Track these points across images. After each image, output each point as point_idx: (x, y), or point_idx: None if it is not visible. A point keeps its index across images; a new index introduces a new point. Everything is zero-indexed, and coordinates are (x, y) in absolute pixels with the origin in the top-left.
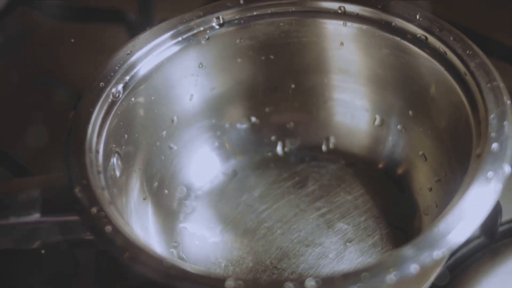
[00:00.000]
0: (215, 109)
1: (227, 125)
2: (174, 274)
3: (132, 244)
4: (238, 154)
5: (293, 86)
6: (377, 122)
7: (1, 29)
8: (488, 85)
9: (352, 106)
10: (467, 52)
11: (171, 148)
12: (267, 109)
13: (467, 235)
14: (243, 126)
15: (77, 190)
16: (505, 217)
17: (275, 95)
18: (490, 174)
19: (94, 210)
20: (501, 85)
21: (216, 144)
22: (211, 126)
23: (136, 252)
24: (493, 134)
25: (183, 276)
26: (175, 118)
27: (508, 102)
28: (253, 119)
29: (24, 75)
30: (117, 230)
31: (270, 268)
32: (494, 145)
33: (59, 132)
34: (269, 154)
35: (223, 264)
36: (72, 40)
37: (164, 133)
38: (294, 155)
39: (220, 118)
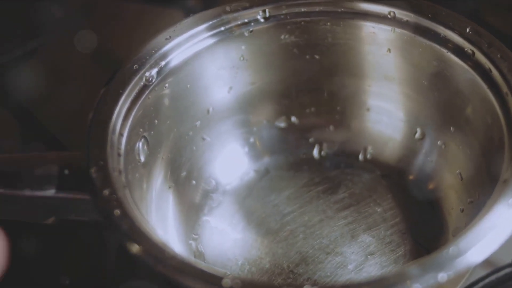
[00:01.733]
0: (253, 104)
1: (264, 122)
2: (173, 265)
3: (137, 230)
4: (272, 153)
5: (336, 88)
6: (417, 135)
7: (61, 3)
8: None
9: (394, 116)
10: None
11: (203, 139)
12: (307, 110)
13: (478, 260)
14: (281, 124)
15: (92, 170)
16: None
17: (317, 96)
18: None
19: (106, 192)
20: None
21: (251, 140)
22: (247, 121)
23: (140, 238)
24: None
25: (182, 268)
26: (211, 109)
27: None
28: (293, 118)
29: (79, 52)
30: (125, 215)
31: (286, 271)
32: None
33: None
34: (304, 156)
35: (240, 262)
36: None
37: (198, 123)
38: (329, 160)
39: (258, 114)
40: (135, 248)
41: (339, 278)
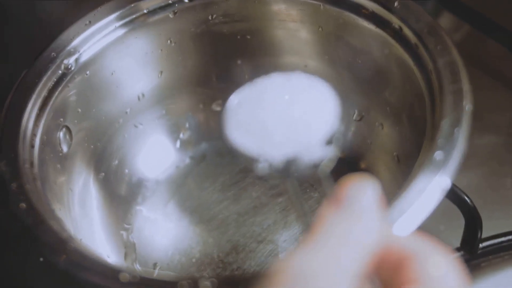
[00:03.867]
0: (186, 89)
1: (200, 106)
2: (72, 259)
3: (41, 224)
4: (208, 139)
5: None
6: (355, 117)
7: None
8: (451, 86)
9: None
10: (438, 47)
11: (135, 126)
12: None
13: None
14: (217, 108)
15: (2, 163)
16: (486, 234)
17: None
18: (423, 186)
19: (14, 185)
20: (465, 87)
21: (187, 125)
22: (181, 106)
23: (43, 232)
24: (440, 141)
25: (81, 261)
26: (141, 95)
27: (467, 107)
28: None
29: None
30: (31, 208)
31: (216, 261)
32: (437, 153)
33: None
34: None
35: (170, 252)
36: None
37: (129, 110)
38: None
39: (192, 98)
40: (37, 242)
41: (270, 267)
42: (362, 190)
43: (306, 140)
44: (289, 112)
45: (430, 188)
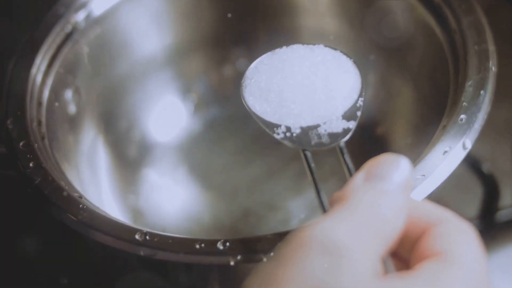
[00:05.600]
0: (195, 51)
1: (213, 68)
2: (85, 219)
3: (51, 183)
4: (221, 102)
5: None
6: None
7: None
8: (476, 47)
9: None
10: (462, 6)
11: (144, 89)
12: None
13: None
14: (230, 71)
15: (9, 121)
16: (504, 202)
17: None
18: (448, 148)
19: (22, 144)
20: (491, 48)
21: (199, 88)
22: (194, 67)
23: (53, 192)
24: (465, 104)
25: (94, 221)
26: (150, 57)
27: (493, 68)
28: (238, 65)
29: None
30: (39, 167)
31: (227, 228)
32: (463, 116)
33: None
34: None
35: (179, 218)
36: None
37: (138, 72)
38: None
39: (206, 59)
40: (48, 202)
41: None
42: (395, 166)
43: (325, 112)
44: (310, 83)
45: (454, 151)
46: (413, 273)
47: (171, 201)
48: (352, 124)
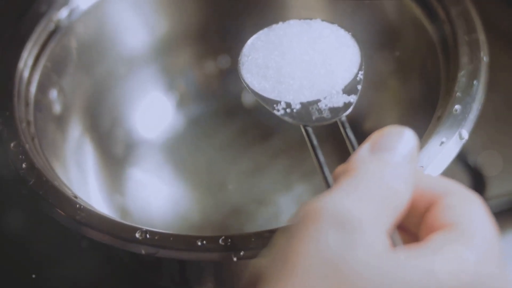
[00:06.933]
0: (178, 47)
1: (199, 63)
2: (82, 221)
3: (45, 184)
4: (206, 97)
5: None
6: None
7: None
8: (466, 37)
9: None
10: None
11: (127, 86)
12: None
13: None
14: (217, 65)
15: None
16: (492, 192)
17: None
18: (444, 139)
19: (12, 144)
20: (481, 37)
21: (180, 85)
22: (179, 62)
23: (48, 192)
24: (458, 94)
25: (92, 221)
26: (132, 54)
27: (485, 58)
28: (225, 61)
29: None
30: (32, 168)
31: (216, 225)
32: (457, 107)
33: None
34: (239, 101)
35: (169, 216)
36: None
37: (120, 69)
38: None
39: (191, 54)
40: (45, 201)
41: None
42: (400, 137)
43: (325, 87)
44: (308, 58)
45: (451, 142)
46: (426, 244)
47: (159, 199)
48: (353, 98)
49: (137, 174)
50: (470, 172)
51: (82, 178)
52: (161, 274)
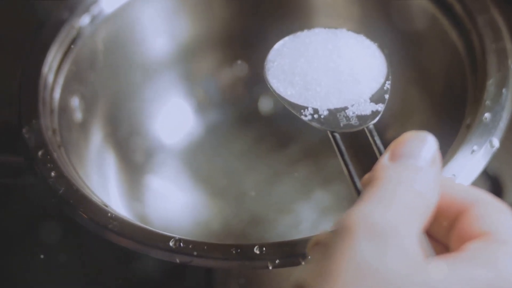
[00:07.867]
0: (197, 54)
1: (221, 69)
2: (115, 229)
3: (75, 193)
4: (220, 107)
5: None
6: None
7: None
8: (493, 45)
9: None
10: (476, 5)
11: (146, 93)
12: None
13: None
14: (238, 72)
15: (24, 130)
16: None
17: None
18: (475, 147)
19: (40, 153)
20: (509, 46)
21: (197, 93)
22: (201, 68)
23: (79, 201)
24: (487, 102)
25: (126, 230)
26: (151, 60)
27: None
28: (242, 67)
29: None
30: (61, 176)
31: (236, 233)
32: (487, 115)
33: None
34: (258, 108)
35: (189, 224)
36: None
37: (139, 76)
38: (280, 112)
39: (203, 64)
40: (75, 210)
41: (291, 237)
42: (421, 142)
43: (352, 95)
44: (335, 66)
45: (482, 150)
46: (465, 253)
47: (178, 207)
48: (380, 107)
49: (156, 182)
50: (486, 178)
51: (103, 185)
52: (184, 282)
